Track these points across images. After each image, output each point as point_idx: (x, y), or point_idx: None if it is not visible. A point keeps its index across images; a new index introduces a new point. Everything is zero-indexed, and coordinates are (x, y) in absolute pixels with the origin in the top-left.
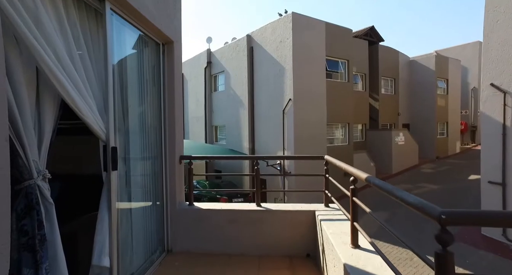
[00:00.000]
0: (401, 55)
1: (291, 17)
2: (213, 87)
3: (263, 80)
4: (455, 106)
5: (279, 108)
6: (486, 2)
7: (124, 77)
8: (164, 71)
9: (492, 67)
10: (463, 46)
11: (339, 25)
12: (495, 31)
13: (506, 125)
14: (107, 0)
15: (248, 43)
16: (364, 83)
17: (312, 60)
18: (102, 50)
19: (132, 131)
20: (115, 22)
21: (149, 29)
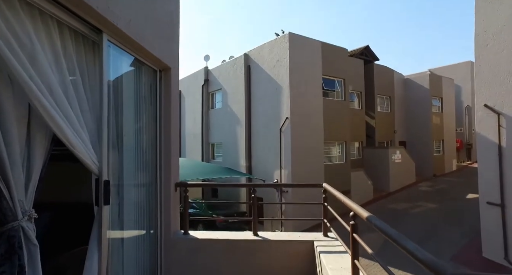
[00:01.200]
0: (396, 73)
1: (287, 37)
2: (210, 105)
3: (260, 98)
4: (450, 124)
5: (276, 126)
6: (475, 26)
7: (119, 106)
8: (161, 98)
9: (485, 88)
10: (455, 65)
11: (334, 45)
12: (486, 54)
13: (502, 146)
14: (104, 32)
15: (246, 62)
16: (360, 101)
17: (308, 79)
18: (98, 80)
19: (126, 160)
20: (112, 52)
21: (146, 57)
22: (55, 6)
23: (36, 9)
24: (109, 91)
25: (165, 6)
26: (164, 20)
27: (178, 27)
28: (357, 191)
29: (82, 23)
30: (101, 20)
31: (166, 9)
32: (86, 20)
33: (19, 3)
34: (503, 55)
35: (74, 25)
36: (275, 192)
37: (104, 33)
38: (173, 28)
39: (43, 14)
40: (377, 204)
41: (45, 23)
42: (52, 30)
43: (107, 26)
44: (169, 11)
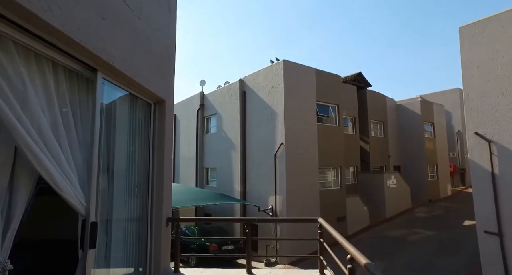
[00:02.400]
0: (388, 99)
1: (282, 64)
2: (205, 129)
3: (255, 124)
4: (443, 149)
5: (271, 152)
6: (461, 57)
7: (112, 142)
8: (154, 130)
9: (474, 117)
10: (444, 92)
11: (328, 72)
12: (472, 84)
13: (495, 173)
14: (99, 70)
15: (241, 87)
16: (354, 126)
17: (303, 105)
18: (90, 118)
19: (116, 197)
20: (106, 88)
21: (141, 91)
22: (52, 49)
23: (31, 52)
24: (101, 128)
25: (161, 41)
26: (159, 55)
27: (173, 60)
28: (353, 218)
29: (77, 63)
30: (97, 60)
31: (162, 44)
32: (82, 60)
33: (15, 47)
34: (489, 85)
35: (69, 65)
36: (269, 217)
37: (99, 71)
38: (168, 61)
39: (38, 56)
40: (374, 231)
41: (40, 64)
42: (47, 71)
43: (102, 65)
44: (165, 46)
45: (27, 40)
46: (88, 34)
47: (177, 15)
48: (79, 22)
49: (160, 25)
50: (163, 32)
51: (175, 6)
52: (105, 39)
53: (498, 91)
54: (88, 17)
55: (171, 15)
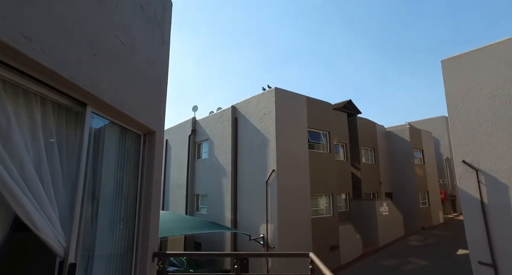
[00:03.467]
0: (378, 126)
1: (274, 91)
2: (197, 155)
3: (246, 150)
4: (433, 176)
5: (263, 179)
6: (445, 89)
7: (98, 176)
8: (143, 162)
9: (461, 145)
10: (431, 119)
11: (319, 99)
12: (457, 114)
13: (484, 202)
14: (88, 105)
15: (233, 114)
16: (346, 153)
17: (294, 132)
18: (76, 153)
19: (100, 231)
20: (95, 121)
21: (131, 123)
22: (41, 85)
23: (20, 89)
24: (87, 163)
25: (154, 74)
26: (151, 87)
27: (165, 91)
28: (346, 246)
29: (67, 98)
30: (87, 95)
31: (155, 76)
32: (71, 95)
33: (2, 84)
34: (472, 115)
35: (58, 100)
36: (261, 246)
37: (89, 105)
38: (160, 93)
39: (26, 92)
40: (367, 260)
41: (27, 100)
42: (34, 107)
43: (92, 99)
44: (157, 78)
45: (16, 78)
46: (79, 71)
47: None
48: (70, 60)
49: (152, 58)
50: (155, 65)
51: (168, 38)
52: (96, 75)
53: (481, 121)
54: (80, 54)
55: (164, 47)
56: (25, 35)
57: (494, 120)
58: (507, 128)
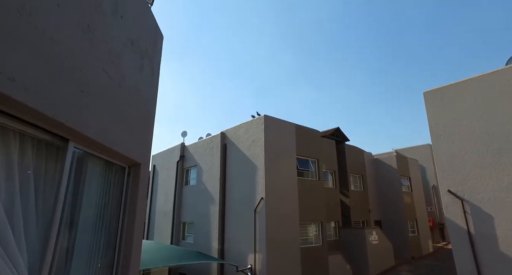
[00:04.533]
0: (366, 153)
1: (263, 119)
2: (185, 181)
3: (235, 178)
4: (421, 203)
5: (251, 207)
6: (428, 119)
7: (77, 213)
8: (127, 194)
9: (446, 175)
10: (416, 147)
11: (307, 127)
12: (441, 144)
13: (471, 233)
14: (71, 140)
15: (222, 140)
16: (334, 180)
17: (283, 159)
18: (54, 191)
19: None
20: (76, 156)
21: (115, 157)
22: (21, 123)
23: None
24: (65, 202)
25: (141, 105)
26: (139, 119)
27: (153, 123)
28: None
29: (48, 134)
30: (70, 131)
31: (142, 108)
32: (53, 132)
33: None
34: (454, 146)
35: (38, 136)
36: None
37: (71, 141)
38: (148, 124)
39: (4, 129)
40: None
41: (5, 137)
42: (12, 143)
43: (75, 135)
44: (145, 109)
45: None
46: (63, 108)
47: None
48: (55, 97)
49: (141, 90)
50: (144, 96)
51: (158, 69)
52: (81, 111)
53: (463, 152)
54: (65, 91)
55: (153, 78)
56: (9, 77)
57: (475, 151)
58: (487, 158)
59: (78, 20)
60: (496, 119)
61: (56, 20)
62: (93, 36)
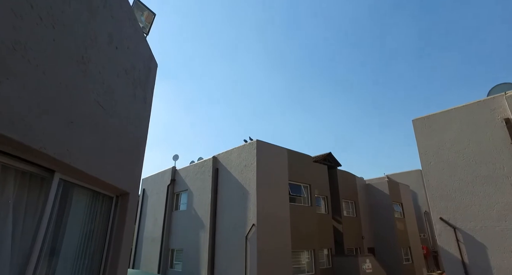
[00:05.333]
0: (358, 179)
1: (255, 144)
2: (175, 206)
3: (226, 203)
4: (414, 230)
5: (242, 233)
6: (417, 146)
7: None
8: (113, 224)
9: (437, 202)
10: (407, 172)
11: (299, 152)
12: (431, 171)
13: (465, 262)
14: (57, 172)
15: (214, 164)
16: (327, 206)
17: (275, 184)
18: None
19: None
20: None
21: (103, 187)
22: (4, 156)
23: None
24: (47, 232)
25: (133, 134)
26: (129, 148)
27: (143, 150)
28: None
29: (33, 166)
30: (56, 163)
31: (133, 137)
32: (39, 164)
33: None
34: (444, 173)
35: (22, 168)
36: None
37: (57, 172)
38: (138, 153)
39: None
40: None
41: None
42: None
43: (62, 166)
44: (136, 138)
45: None
46: (51, 140)
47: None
48: (42, 130)
49: (133, 118)
50: (135, 125)
51: (151, 96)
52: (69, 142)
53: (453, 179)
54: (54, 123)
55: (146, 106)
56: None
57: (464, 178)
58: (477, 186)
59: (72, 52)
60: (482, 147)
61: (51, 54)
62: (86, 68)
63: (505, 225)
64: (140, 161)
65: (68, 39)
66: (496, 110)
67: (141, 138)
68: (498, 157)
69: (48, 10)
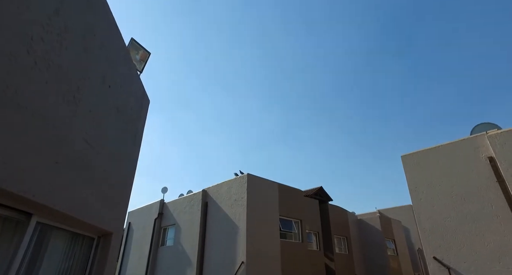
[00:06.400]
0: (349, 214)
1: (246, 177)
2: (161, 241)
3: (215, 239)
4: (408, 268)
5: (231, 271)
6: (407, 183)
7: None
8: (92, 267)
9: (430, 240)
10: (398, 207)
11: (290, 186)
12: (422, 207)
13: None
14: (35, 215)
15: (203, 198)
16: (318, 242)
17: (266, 220)
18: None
19: None
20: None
21: (84, 228)
22: None
23: None
24: None
25: (120, 172)
26: (115, 188)
27: (130, 189)
28: None
29: (8, 210)
30: (35, 205)
31: (120, 175)
32: (15, 207)
33: None
34: (435, 210)
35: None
36: None
37: (35, 215)
38: (124, 192)
39: None
40: None
41: None
42: None
43: (41, 209)
44: (123, 176)
45: None
46: (32, 182)
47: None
48: (24, 172)
49: (121, 155)
50: (123, 163)
51: (141, 132)
52: (52, 184)
53: (444, 217)
54: (37, 166)
55: (136, 141)
56: None
57: (454, 216)
58: (467, 225)
59: (64, 93)
60: (470, 185)
61: (41, 96)
62: (77, 107)
63: (499, 267)
64: (126, 199)
65: (61, 80)
66: (480, 149)
67: (129, 175)
68: (486, 195)
69: (44, 54)
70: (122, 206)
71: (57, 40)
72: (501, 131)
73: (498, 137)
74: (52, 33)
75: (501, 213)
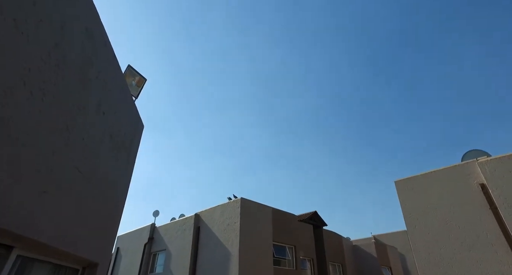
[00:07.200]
0: (344, 239)
1: (239, 202)
2: (150, 268)
3: (206, 265)
4: None
5: None
6: (401, 209)
7: None
8: None
9: (426, 269)
10: (393, 233)
11: (284, 211)
12: (416, 234)
13: None
14: (16, 247)
15: (196, 222)
16: (313, 269)
17: (259, 246)
18: None
19: None
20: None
21: (68, 259)
22: None
23: None
24: None
25: (110, 198)
26: (104, 215)
27: (120, 215)
28: None
29: None
30: (17, 238)
31: (110, 201)
32: None
33: None
34: (430, 237)
35: None
36: None
37: (16, 248)
38: (114, 218)
39: None
40: None
41: None
42: None
43: (22, 242)
44: (114, 202)
45: None
46: (16, 214)
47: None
48: (8, 204)
49: (112, 183)
50: (114, 190)
51: (134, 158)
52: (37, 214)
53: (439, 245)
54: (23, 195)
55: (128, 167)
56: None
57: (449, 244)
58: (463, 253)
59: (57, 123)
60: (464, 212)
61: (34, 126)
62: (69, 136)
63: None
64: (115, 227)
65: (55, 110)
66: (472, 175)
67: (119, 202)
68: (480, 223)
69: (41, 84)
70: (110, 234)
71: (54, 70)
72: (491, 158)
73: (488, 164)
74: (50, 64)
75: (496, 241)
